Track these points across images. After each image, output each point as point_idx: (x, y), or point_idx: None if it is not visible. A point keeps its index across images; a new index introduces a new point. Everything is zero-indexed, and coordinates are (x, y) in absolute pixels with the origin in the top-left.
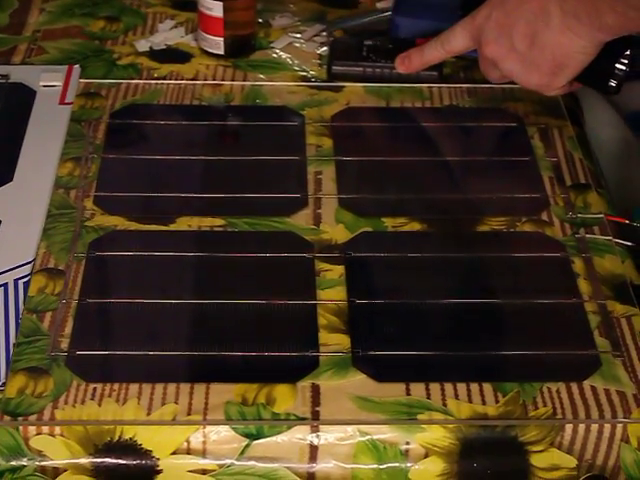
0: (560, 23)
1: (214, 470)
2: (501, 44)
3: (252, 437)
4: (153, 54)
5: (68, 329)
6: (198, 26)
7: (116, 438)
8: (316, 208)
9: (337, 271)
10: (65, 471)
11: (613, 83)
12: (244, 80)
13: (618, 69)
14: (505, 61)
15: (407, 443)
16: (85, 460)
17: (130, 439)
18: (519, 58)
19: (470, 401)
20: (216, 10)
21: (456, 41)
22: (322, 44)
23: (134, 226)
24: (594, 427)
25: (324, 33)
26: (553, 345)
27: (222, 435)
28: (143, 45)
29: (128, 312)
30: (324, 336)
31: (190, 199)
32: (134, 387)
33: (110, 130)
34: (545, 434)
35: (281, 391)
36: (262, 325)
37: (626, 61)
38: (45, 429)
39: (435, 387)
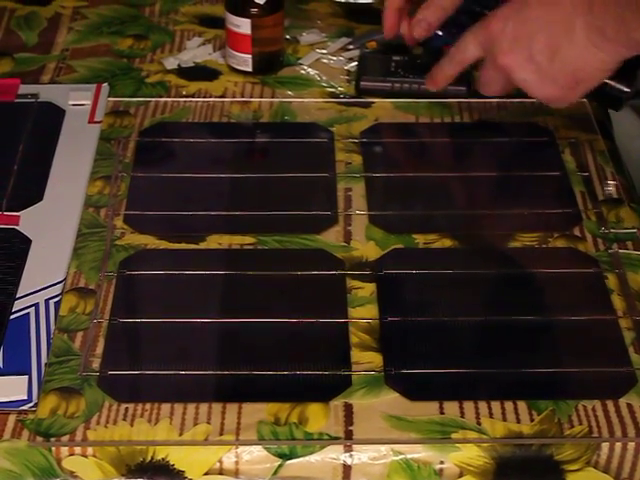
0: (585, 38)
1: None
2: (518, 53)
3: (285, 457)
4: (181, 72)
5: (99, 349)
6: (226, 43)
7: (148, 459)
8: (346, 225)
9: (368, 288)
10: None
11: (620, 99)
12: (272, 97)
13: (627, 86)
14: (520, 71)
15: (441, 462)
16: None
17: (162, 459)
18: (536, 69)
19: (504, 419)
20: (244, 27)
21: (468, 51)
22: (350, 60)
23: (164, 245)
24: (631, 445)
25: (351, 46)
26: (588, 362)
27: (255, 455)
28: (171, 63)
29: (159, 331)
30: (356, 354)
31: (220, 217)
32: (166, 407)
33: (139, 148)
34: (581, 453)
35: (314, 410)
36: (294, 344)
37: (634, 78)
38: (77, 450)
39: (469, 405)
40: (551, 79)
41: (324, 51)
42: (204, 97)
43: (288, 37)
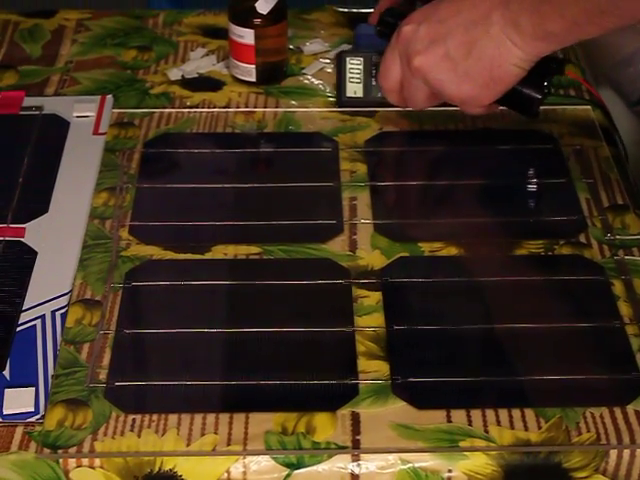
0: (500, 31)
1: None
2: (433, 53)
3: (293, 467)
4: (185, 82)
5: (106, 360)
6: (229, 54)
7: (156, 469)
8: (352, 234)
9: (374, 297)
10: None
11: (532, 105)
12: (276, 107)
13: (542, 93)
14: (435, 71)
15: (449, 471)
16: None
17: (170, 470)
18: (452, 67)
19: (512, 427)
20: (247, 38)
21: (393, 73)
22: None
23: (170, 255)
24: (639, 452)
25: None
26: (595, 369)
27: (262, 465)
28: (175, 74)
29: (166, 342)
30: (363, 363)
31: (225, 227)
32: (173, 417)
33: (144, 159)
34: (589, 460)
35: (321, 420)
36: (300, 353)
37: (547, 84)
38: (85, 461)
39: (476, 413)
40: (468, 76)
41: (327, 61)
42: (208, 108)
43: (291, 47)
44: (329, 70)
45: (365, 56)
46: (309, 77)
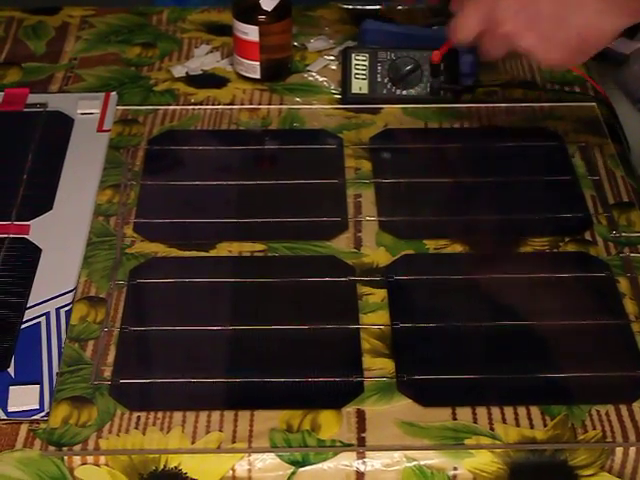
0: (594, 4)
1: None
2: (521, 20)
3: (298, 464)
4: (189, 79)
5: (111, 357)
6: (234, 51)
7: (161, 467)
8: (356, 231)
9: (379, 295)
10: None
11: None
12: (281, 104)
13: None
14: (524, 38)
15: (455, 468)
16: None
17: (175, 468)
18: (542, 36)
19: (518, 425)
20: (252, 34)
21: (469, 27)
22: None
23: (174, 252)
24: None
25: None
26: (600, 367)
27: (268, 463)
28: (179, 71)
29: (170, 339)
30: (368, 361)
31: (230, 224)
32: (178, 415)
33: (148, 156)
34: (595, 458)
35: (326, 417)
36: (305, 350)
37: None
38: (90, 459)
39: (482, 411)
40: (559, 45)
41: (332, 57)
42: (212, 105)
43: (296, 44)
44: (333, 67)
45: (371, 52)
46: (313, 74)
